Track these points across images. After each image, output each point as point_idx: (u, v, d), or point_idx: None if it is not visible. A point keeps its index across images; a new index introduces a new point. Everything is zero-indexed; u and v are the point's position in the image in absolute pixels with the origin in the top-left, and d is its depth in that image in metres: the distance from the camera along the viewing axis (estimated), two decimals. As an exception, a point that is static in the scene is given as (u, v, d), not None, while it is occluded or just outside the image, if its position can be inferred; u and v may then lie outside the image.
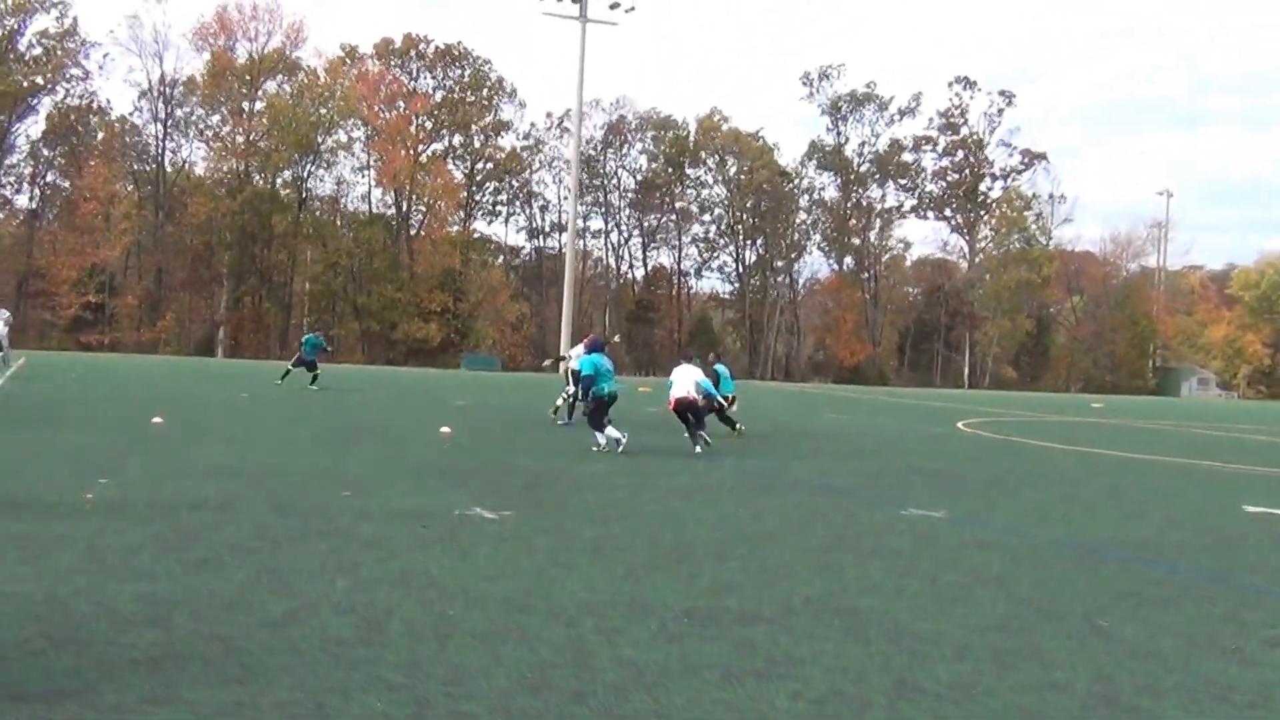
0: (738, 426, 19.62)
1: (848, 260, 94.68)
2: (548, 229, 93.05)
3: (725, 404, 19.39)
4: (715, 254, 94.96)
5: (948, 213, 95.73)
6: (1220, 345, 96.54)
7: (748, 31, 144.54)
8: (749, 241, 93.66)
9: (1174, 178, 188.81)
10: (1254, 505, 12.72)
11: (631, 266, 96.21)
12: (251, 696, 4.48)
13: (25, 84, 76.48)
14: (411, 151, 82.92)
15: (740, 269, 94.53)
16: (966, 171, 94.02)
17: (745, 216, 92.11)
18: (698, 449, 16.13)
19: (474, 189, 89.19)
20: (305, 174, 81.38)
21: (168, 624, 5.47)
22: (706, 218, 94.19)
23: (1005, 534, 9.92)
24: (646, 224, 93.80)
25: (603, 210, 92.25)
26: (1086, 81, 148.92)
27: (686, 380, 17.07)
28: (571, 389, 19.91)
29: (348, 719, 4.33)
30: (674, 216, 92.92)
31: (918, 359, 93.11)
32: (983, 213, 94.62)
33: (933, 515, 10.82)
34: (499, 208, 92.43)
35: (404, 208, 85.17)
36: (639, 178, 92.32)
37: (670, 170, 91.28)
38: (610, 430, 15.42)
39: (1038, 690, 5.14)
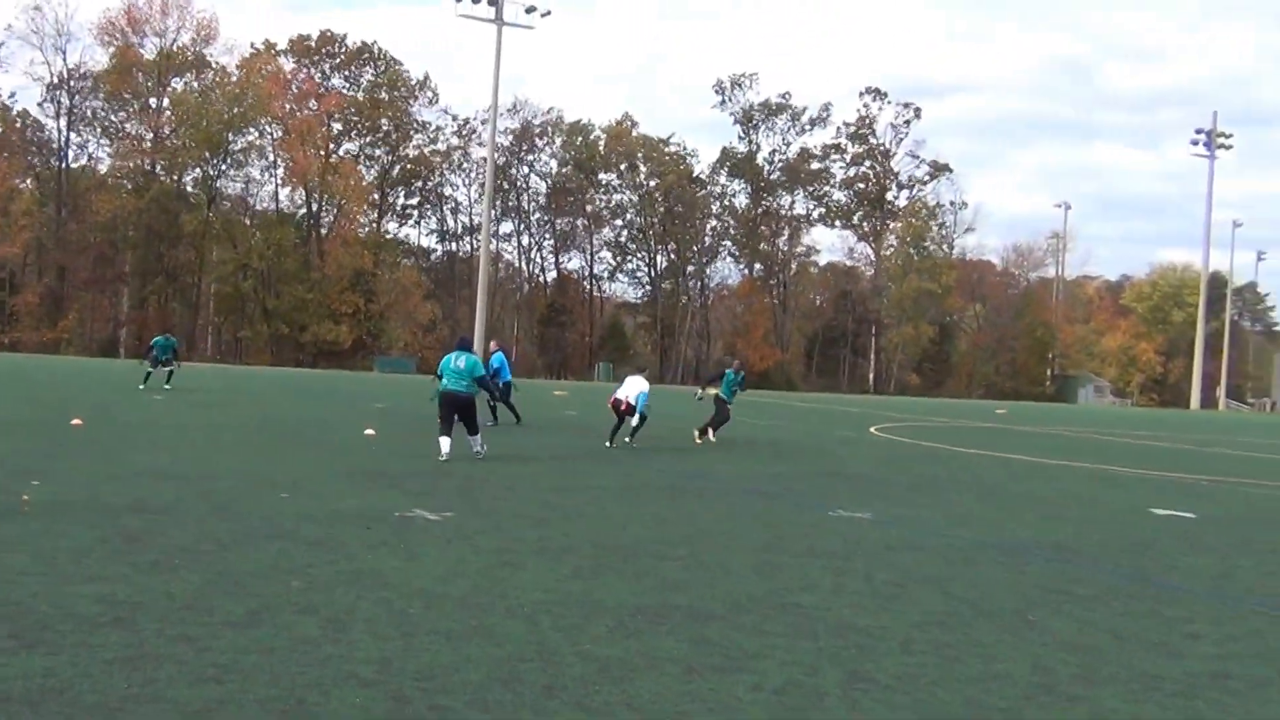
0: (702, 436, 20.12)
1: (757, 266, 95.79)
2: (459, 231, 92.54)
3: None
4: (627, 259, 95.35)
5: (855, 221, 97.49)
6: (1115, 354, 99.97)
7: (663, 38, 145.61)
8: (661, 247, 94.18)
9: (1073, 190, 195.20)
10: (1161, 508, 13.33)
11: (543, 270, 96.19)
12: (232, 694, 4.51)
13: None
14: (322, 151, 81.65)
15: (652, 274, 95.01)
16: (873, 181, 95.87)
17: (656, 222, 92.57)
18: (608, 444, 17.62)
19: (386, 190, 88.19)
20: (215, 173, 79.59)
21: (133, 625, 5.45)
22: (618, 223, 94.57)
23: (932, 535, 10.27)
24: (558, 228, 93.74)
25: (514, 214, 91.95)
26: (989, 95, 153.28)
27: (631, 389, 17.86)
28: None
29: (329, 714, 4.39)
30: (585, 221, 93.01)
31: (825, 364, 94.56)
32: (889, 221, 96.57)
33: (860, 517, 11.14)
34: (410, 210, 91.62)
35: (314, 208, 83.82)
36: (550, 182, 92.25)
37: (582, 175, 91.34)
38: (442, 441, 14.18)
39: (982, 681, 5.41)
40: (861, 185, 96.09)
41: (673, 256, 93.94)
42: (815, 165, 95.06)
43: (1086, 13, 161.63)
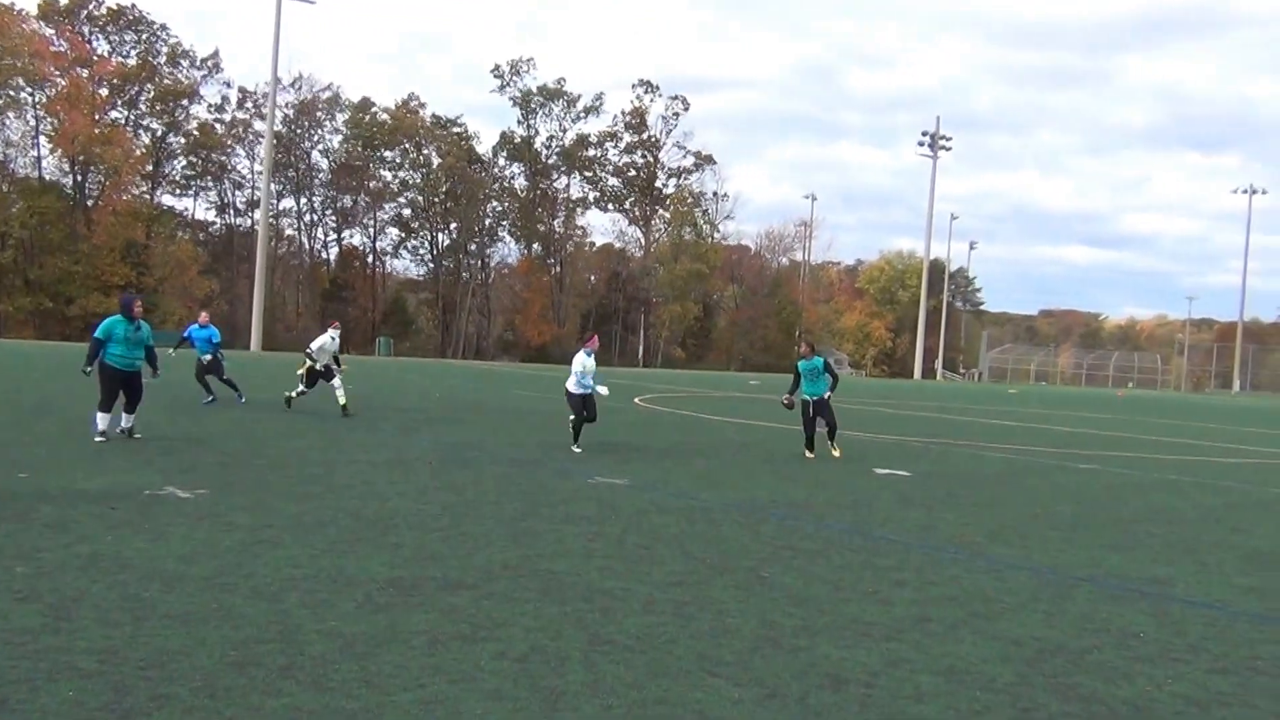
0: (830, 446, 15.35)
1: (536, 246, 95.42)
2: (240, 205, 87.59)
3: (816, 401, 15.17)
4: (410, 236, 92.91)
5: (626, 206, 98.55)
6: (852, 330, 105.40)
7: (447, 19, 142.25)
8: (443, 225, 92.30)
9: (818, 182, 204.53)
10: (882, 468, 14.01)
11: (325, 246, 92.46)
12: (-78, 696, 3.94)
13: None
14: (91, 118, 75.12)
15: (434, 251, 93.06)
16: (644, 169, 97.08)
17: (438, 201, 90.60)
18: (574, 448, 14.12)
19: (160, 160, 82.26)
20: (-35, 136, 71.84)
21: None
22: (401, 200, 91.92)
23: (681, 498, 10.38)
24: (340, 204, 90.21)
25: (295, 189, 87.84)
26: (748, 92, 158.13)
27: (571, 372, 14.64)
28: (306, 388, 18.07)
29: (35, 711, 3.90)
30: (368, 198, 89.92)
31: (599, 339, 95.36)
32: (657, 207, 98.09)
33: (617, 483, 11.14)
34: (189, 181, 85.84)
35: (81, 177, 77.12)
36: (333, 159, 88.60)
37: (366, 152, 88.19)
38: (99, 419, 12.66)
39: (713, 637, 5.42)
40: (633, 172, 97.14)
41: (454, 235, 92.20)
42: (591, 152, 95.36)
43: (831, 20, 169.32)
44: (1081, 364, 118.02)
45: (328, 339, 18.16)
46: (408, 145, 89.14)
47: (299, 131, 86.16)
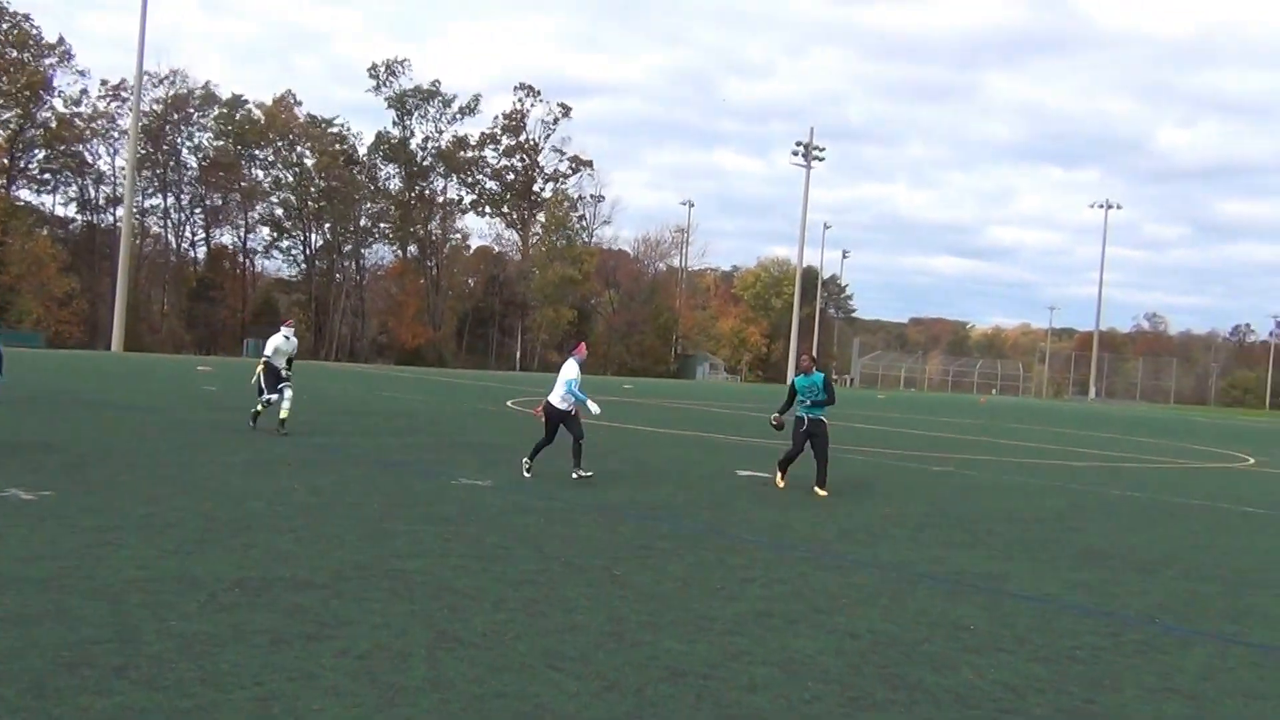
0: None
1: (412, 248, 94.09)
2: (102, 202, 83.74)
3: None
4: (283, 236, 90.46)
5: (504, 209, 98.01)
6: (728, 336, 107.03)
7: (328, 19, 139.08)
8: (316, 225, 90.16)
9: (696, 189, 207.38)
10: (744, 469, 14.34)
11: (194, 245, 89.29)
12: None
13: None
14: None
15: (307, 252, 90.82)
16: (522, 172, 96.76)
17: (311, 202, 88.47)
18: (574, 474, 12.10)
19: (16, 154, 78.10)
20: None
21: None
22: (274, 199, 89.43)
23: (543, 499, 10.45)
24: (210, 202, 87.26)
25: (162, 186, 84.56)
26: (627, 98, 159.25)
27: (558, 382, 12.42)
28: (269, 395, 15.75)
29: None
30: (239, 197, 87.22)
31: (475, 342, 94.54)
32: (535, 212, 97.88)
33: (480, 484, 11.16)
34: (47, 176, 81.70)
35: (-72, 169, 72.76)
36: (204, 155, 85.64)
37: (239, 149, 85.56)
38: None
39: (560, 633, 5.53)
40: (511, 176, 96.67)
41: (328, 235, 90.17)
42: (469, 154, 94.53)
43: (707, 29, 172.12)
44: (948, 371, 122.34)
45: (281, 339, 16.22)
46: (281, 144, 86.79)
47: (168, 127, 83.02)
